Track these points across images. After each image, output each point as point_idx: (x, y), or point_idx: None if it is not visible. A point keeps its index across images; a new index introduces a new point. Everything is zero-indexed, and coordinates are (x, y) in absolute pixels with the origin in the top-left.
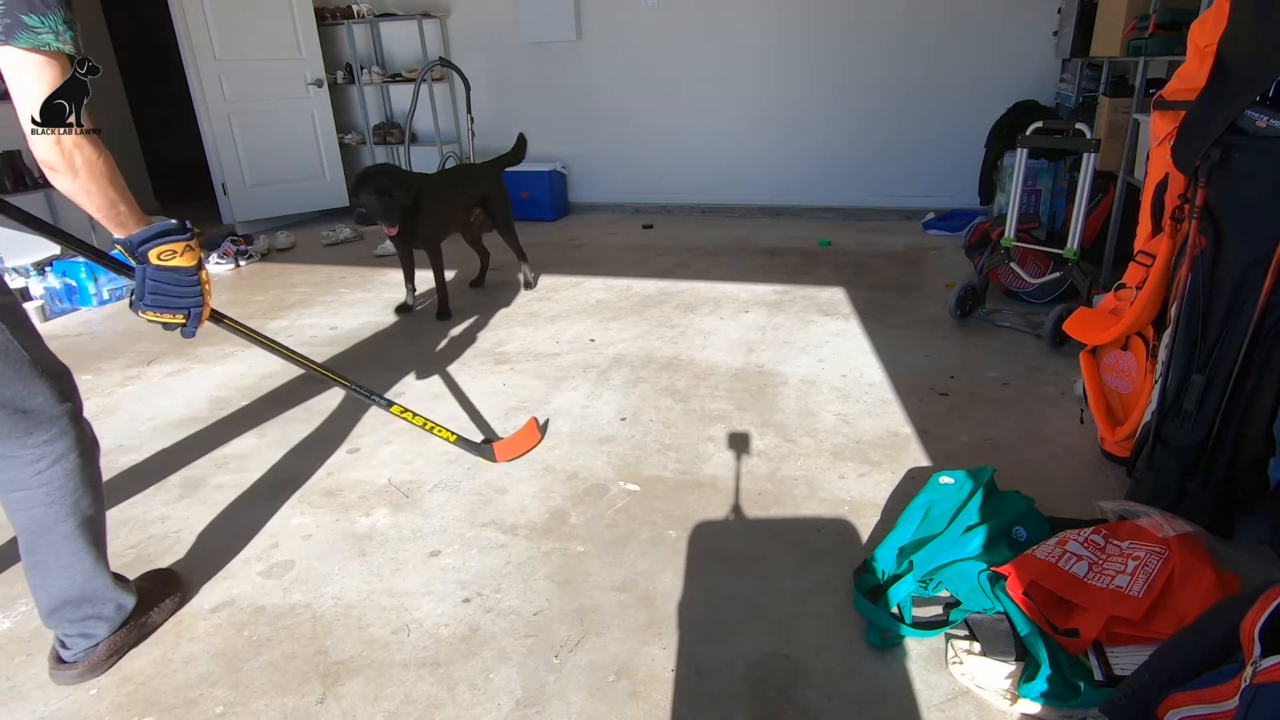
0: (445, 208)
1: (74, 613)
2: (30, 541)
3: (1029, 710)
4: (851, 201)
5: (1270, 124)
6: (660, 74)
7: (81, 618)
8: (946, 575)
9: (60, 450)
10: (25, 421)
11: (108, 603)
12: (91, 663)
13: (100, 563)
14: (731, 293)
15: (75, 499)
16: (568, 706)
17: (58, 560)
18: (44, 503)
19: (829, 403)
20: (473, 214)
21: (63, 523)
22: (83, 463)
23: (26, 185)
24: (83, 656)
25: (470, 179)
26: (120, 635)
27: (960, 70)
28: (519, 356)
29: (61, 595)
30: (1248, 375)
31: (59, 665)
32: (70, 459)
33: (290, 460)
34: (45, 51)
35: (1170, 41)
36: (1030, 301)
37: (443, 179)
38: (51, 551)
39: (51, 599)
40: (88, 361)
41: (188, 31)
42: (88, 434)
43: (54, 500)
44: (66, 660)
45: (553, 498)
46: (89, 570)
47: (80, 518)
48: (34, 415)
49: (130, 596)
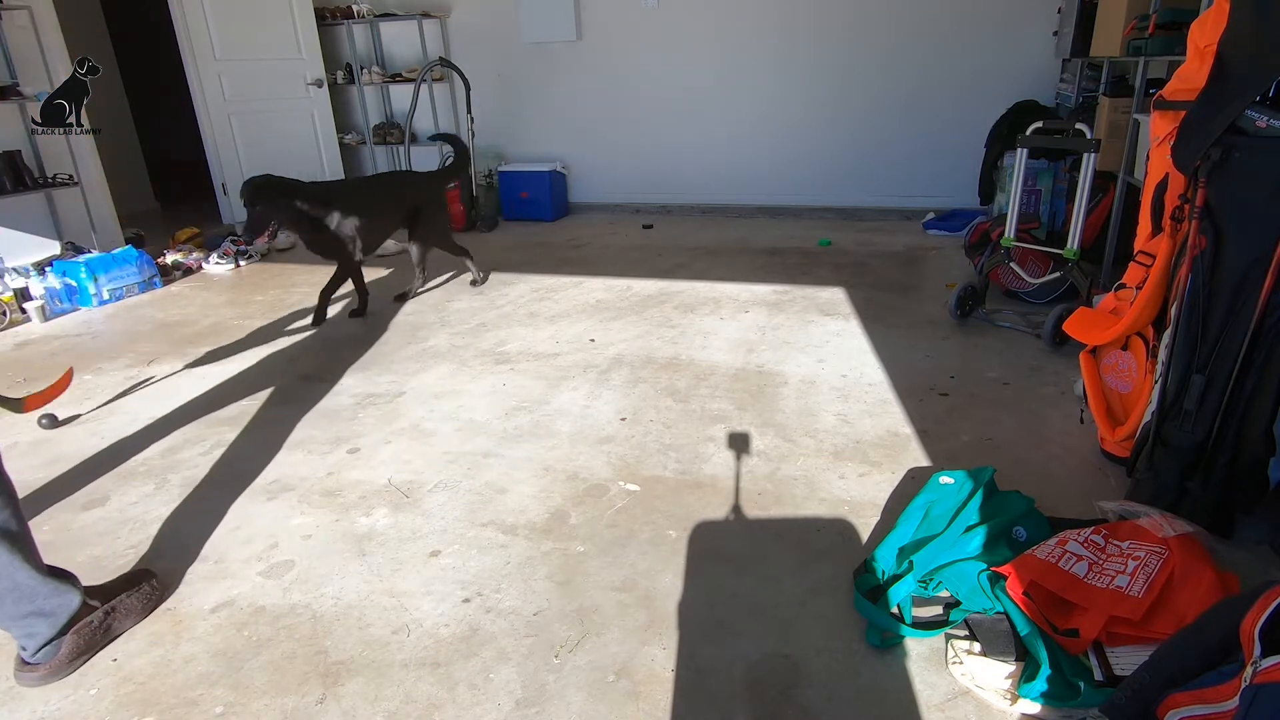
0: (365, 217)
1: (13, 609)
2: None
3: (1029, 710)
4: (851, 201)
5: (1270, 124)
6: (660, 74)
7: (22, 614)
8: (946, 575)
9: None
10: None
11: (46, 598)
12: (55, 664)
13: (16, 557)
14: (731, 293)
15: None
16: (568, 706)
17: None
18: None
19: (829, 403)
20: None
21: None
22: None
23: (27, 185)
24: (44, 657)
25: (401, 188)
26: (82, 636)
27: (960, 70)
28: (519, 356)
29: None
30: (1248, 375)
31: (23, 667)
32: None
33: (290, 460)
34: None
35: (1170, 41)
36: (1030, 301)
37: (362, 187)
38: None
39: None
40: (88, 361)
41: (188, 31)
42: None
43: None
44: (29, 661)
45: (553, 498)
46: (7, 566)
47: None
48: None
49: (71, 592)
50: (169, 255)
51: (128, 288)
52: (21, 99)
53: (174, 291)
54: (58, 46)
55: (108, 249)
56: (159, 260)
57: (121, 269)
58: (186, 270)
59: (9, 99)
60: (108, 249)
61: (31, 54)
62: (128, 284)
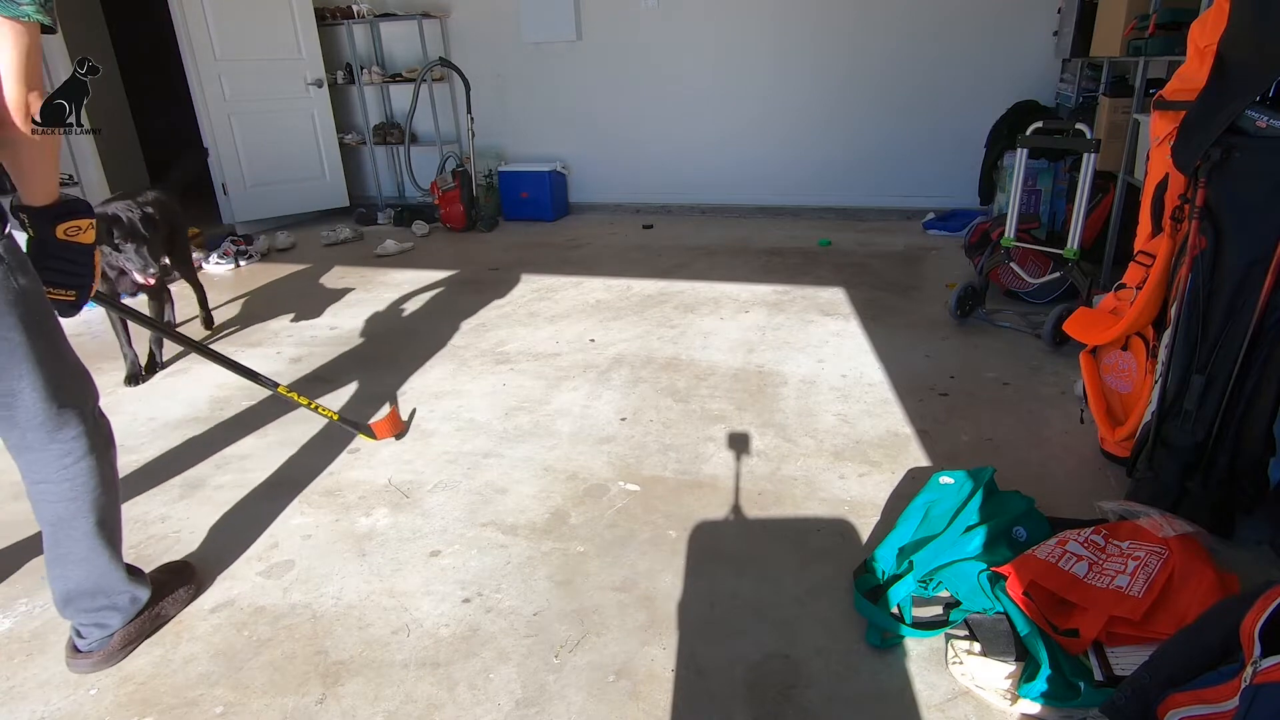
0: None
1: (89, 603)
2: (53, 534)
3: (1029, 710)
4: (851, 201)
5: (1270, 124)
6: (660, 74)
7: (97, 608)
8: (946, 575)
9: (84, 448)
10: (57, 417)
11: (122, 595)
12: (106, 653)
13: (115, 558)
14: (731, 293)
15: (94, 496)
16: (568, 706)
17: (77, 553)
18: (67, 497)
19: (829, 403)
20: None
21: (83, 518)
22: (102, 461)
23: None
24: (98, 646)
25: (163, 207)
26: (134, 626)
27: (960, 70)
28: (519, 356)
29: (78, 586)
30: (1248, 375)
31: (75, 655)
32: (92, 457)
33: (290, 460)
34: (24, 22)
35: (1170, 41)
36: (1030, 301)
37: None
38: (72, 544)
39: (68, 589)
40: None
41: (188, 31)
42: (105, 432)
43: (76, 496)
44: (82, 650)
45: (553, 498)
46: (105, 565)
47: (99, 514)
48: (64, 412)
49: (144, 589)
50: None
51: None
52: None
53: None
54: (58, 46)
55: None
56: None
57: None
58: None
59: None
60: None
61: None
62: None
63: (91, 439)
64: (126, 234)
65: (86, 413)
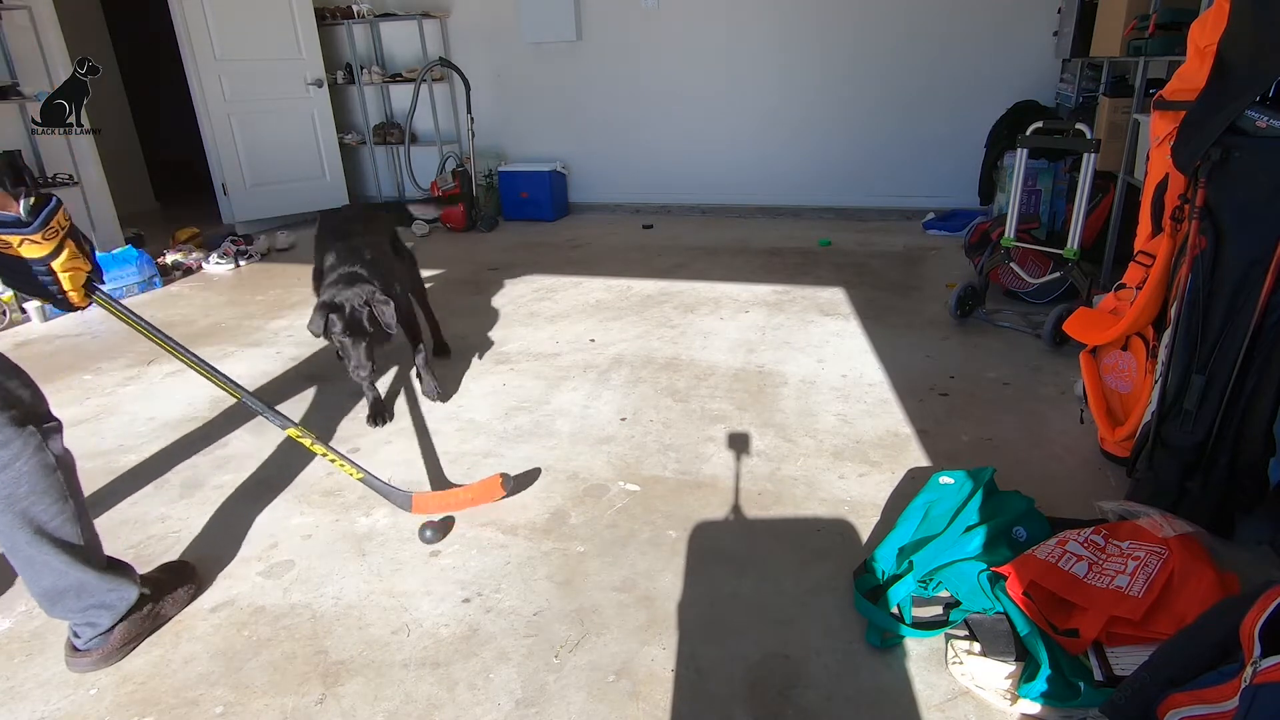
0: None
1: (75, 603)
2: (2, 541)
3: (1029, 710)
4: (851, 202)
5: (1270, 124)
6: (660, 74)
7: (84, 608)
8: (946, 575)
9: (3, 460)
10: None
11: (106, 593)
12: (106, 651)
13: (76, 561)
14: (731, 293)
15: (23, 507)
16: (568, 706)
17: (33, 558)
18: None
19: (829, 403)
20: None
21: (19, 530)
22: (36, 476)
23: (26, 185)
24: (96, 645)
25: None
26: (132, 624)
27: (960, 70)
28: (519, 356)
29: (53, 586)
30: (1248, 375)
31: (74, 654)
32: (13, 469)
33: (290, 460)
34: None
35: (1170, 41)
36: (1030, 301)
37: None
38: (19, 550)
39: (43, 589)
40: (88, 361)
41: (188, 31)
42: (51, 453)
43: (2, 509)
44: (80, 649)
45: (553, 498)
46: (63, 568)
47: (34, 524)
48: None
49: (129, 585)
50: (169, 255)
51: (127, 288)
52: (21, 99)
53: (174, 291)
54: (58, 46)
55: (108, 249)
56: (159, 260)
57: (121, 269)
58: (186, 270)
59: (9, 99)
60: (108, 249)
61: (31, 54)
62: (127, 284)
63: (13, 449)
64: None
65: (15, 436)
